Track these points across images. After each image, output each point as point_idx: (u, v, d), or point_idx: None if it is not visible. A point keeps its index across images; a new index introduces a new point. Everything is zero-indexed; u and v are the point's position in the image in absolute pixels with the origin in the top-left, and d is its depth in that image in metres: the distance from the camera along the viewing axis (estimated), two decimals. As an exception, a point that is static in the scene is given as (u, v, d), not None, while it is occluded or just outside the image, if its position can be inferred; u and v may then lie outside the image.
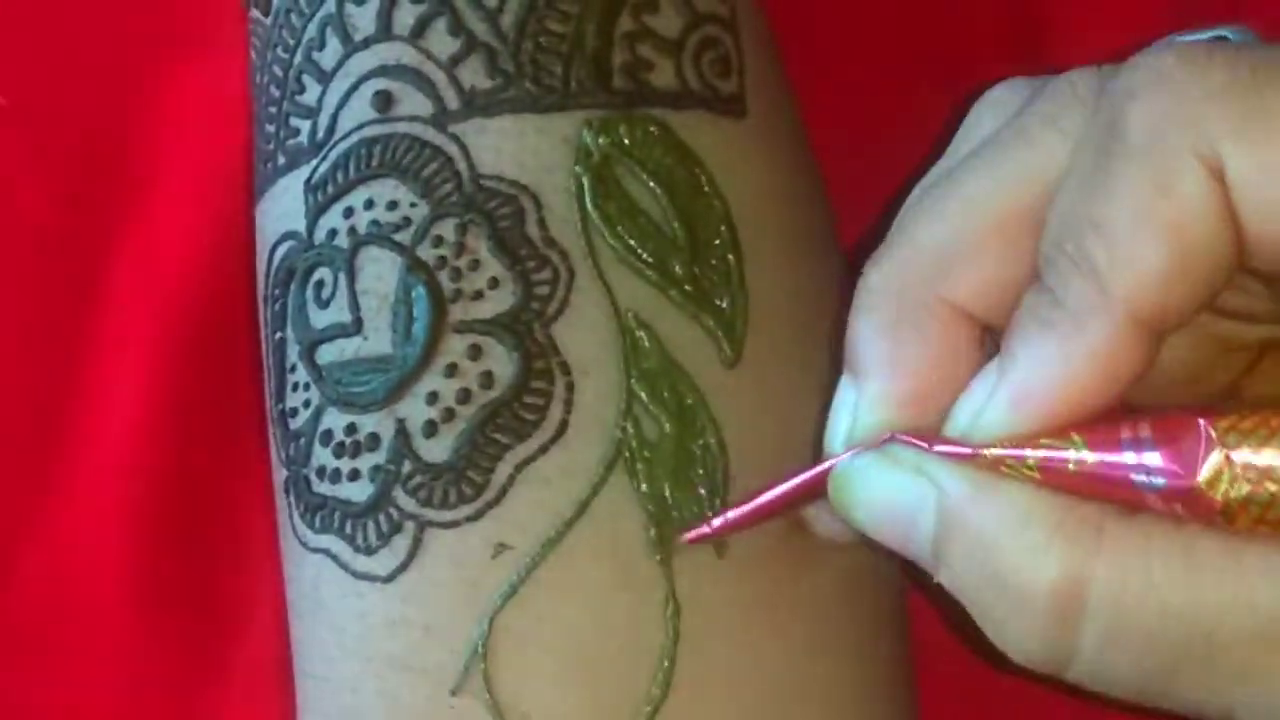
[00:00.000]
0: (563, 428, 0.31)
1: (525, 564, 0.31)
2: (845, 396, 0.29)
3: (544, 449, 0.31)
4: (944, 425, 0.28)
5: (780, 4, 0.36)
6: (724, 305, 0.32)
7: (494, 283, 0.32)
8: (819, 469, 0.29)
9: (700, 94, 0.33)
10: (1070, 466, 0.26)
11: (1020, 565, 0.26)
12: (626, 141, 0.32)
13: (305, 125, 0.34)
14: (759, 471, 0.32)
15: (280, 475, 0.34)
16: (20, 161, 0.42)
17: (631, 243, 0.32)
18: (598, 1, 0.33)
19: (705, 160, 0.33)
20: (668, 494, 0.31)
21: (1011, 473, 0.27)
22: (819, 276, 0.35)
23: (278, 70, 0.35)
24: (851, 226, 0.36)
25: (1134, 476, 0.26)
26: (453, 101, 0.32)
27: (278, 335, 0.34)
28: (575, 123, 0.32)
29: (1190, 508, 0.26)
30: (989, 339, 0.29)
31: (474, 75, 0.32)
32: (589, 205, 0.32)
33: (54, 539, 0.41)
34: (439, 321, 0.32)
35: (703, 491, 0.32)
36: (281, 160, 0.35)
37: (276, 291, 0.34)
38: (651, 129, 0.32)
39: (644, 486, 0.31)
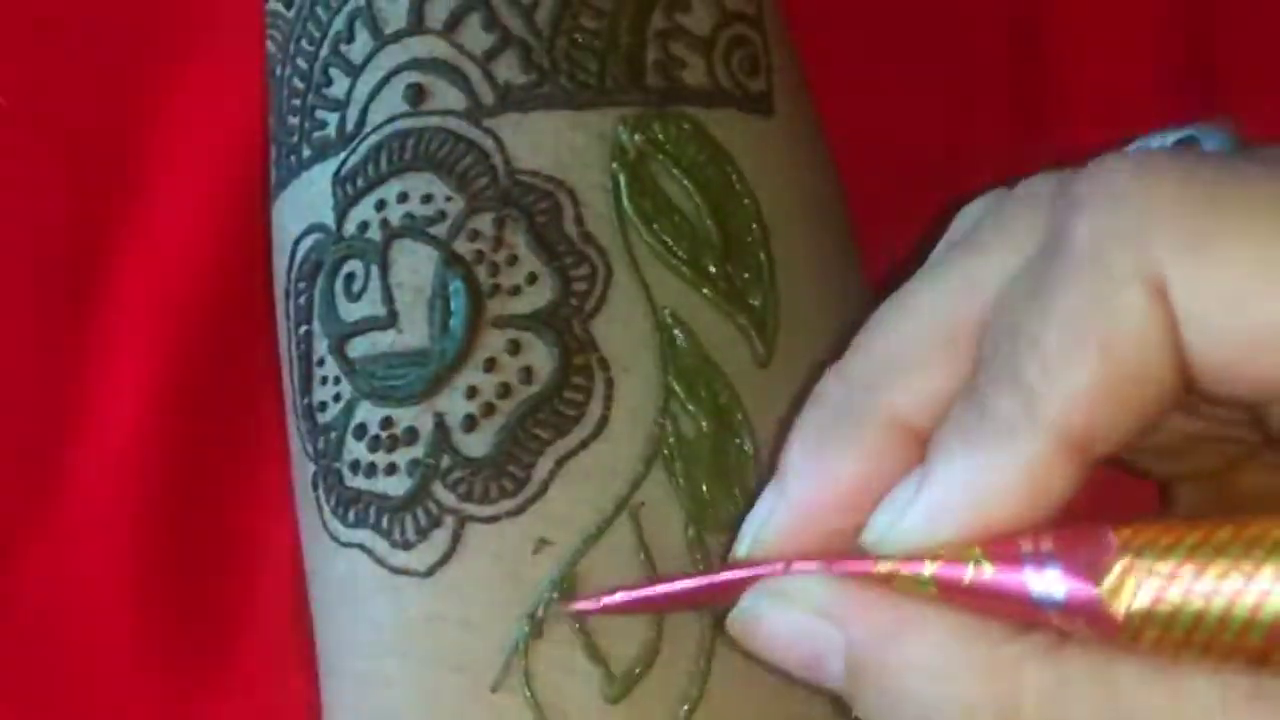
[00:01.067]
0: (603, 423, 0.31)
1: (566, 559, 0.31)
2: (765, 498, 0.28)
3: (584, 444, 0.31)
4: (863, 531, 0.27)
5: (781, 3, 0.36)
6: (756, 303, 0.33)
7: (532, 278, 0.32)
8: (721, 577, 0.28)
9: (730, 92, 0.33)
10: (966, 580, 0.26)
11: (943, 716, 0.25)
12: (661, 138, 0.32)
13: (333, 118, 0.34)
14: None
15: (307, 470, 0.34)
16: (20, 161, 0.42)
17: (667, 240, 0.32)
18: None
19: (736, 158, 0.33)
20: (705, 492, 0.32)
21: (906, 586, 0.26)
22: (842, 273, 0.35)
23: (302, 63, 0.35)
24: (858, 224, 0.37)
25: (1032, 591, 0.25)
26: (487, 96, 0.32)
27: (303, 328, 0.34)
28: (610, 120, 0.32)
29: (1092, 623, 0.25)
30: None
31: (509, 70, 0.32)
32: (625, 202, 0.32)
33: (57, 537, 0.41)
34: (477, 316, 0.32)
35: (737, 491, 0.32)
36: (307, 153, 0.34)
37: (302, 284, 0.34)
38: (685, 126, 0.33)
39: (682, 483, 0.31)
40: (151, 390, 0.41)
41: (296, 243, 0.34)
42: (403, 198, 0.33)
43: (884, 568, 0.26)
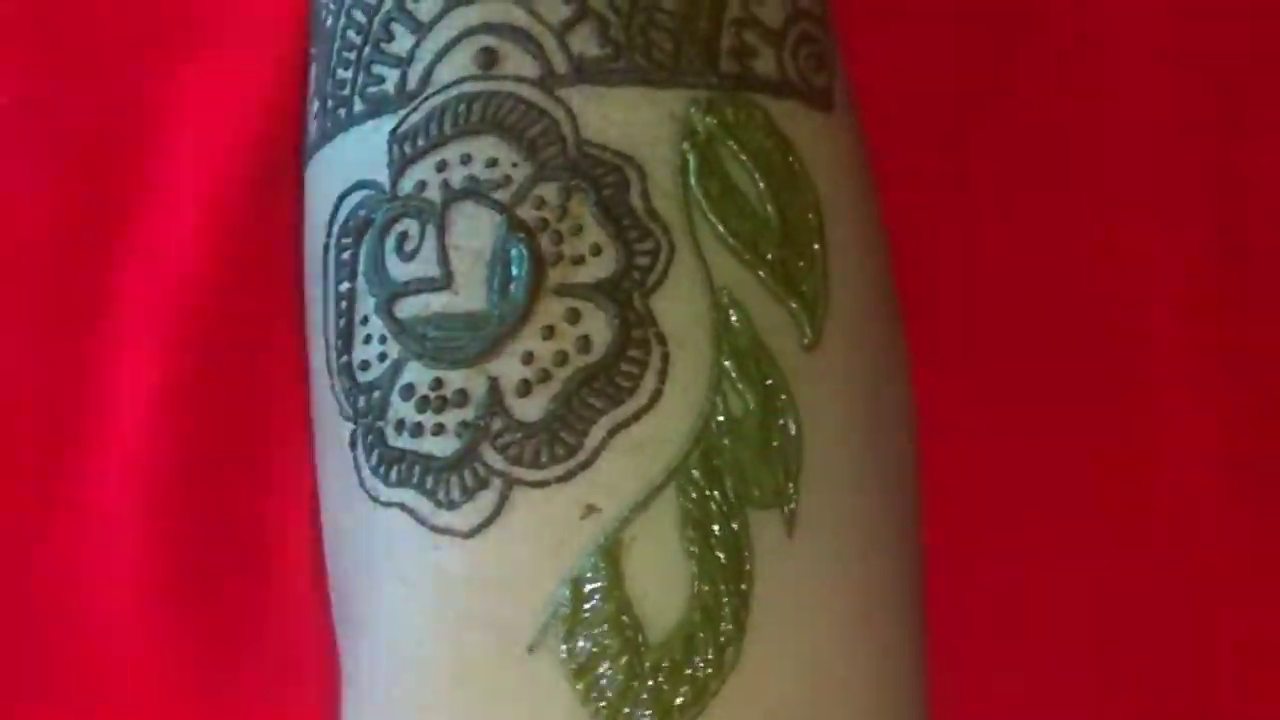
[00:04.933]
0: (656, 396, 0.32)
1: (612, 527, 0.31)
2: None
3: (637, 416, 0.31)
4: None
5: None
6: (806, 290, 0.33)
7: (596, 249, 0.32)
8: None
9: (797, 85, 0.34)
10: None
11: None
12: (732, 123, 0.33)
13: (393, 74, 0.34)
14: (827, 456, 0.33)
15: (342, 429, 0.33)
16: (22, 161, 0.42)
17: (730, 222, 0.33)
18: None
19: (799, 149, 0.34)
20: (749, 469, 0.32)
21: None
22: (882, 266, 0.36)
23: (359, 15, 0.35)
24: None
25: None
26: (561, 66, 0.33)
27: (344, 285, 0.34)
28: (683, 100, 0.33)
29: None
30: None
31: (584, 42, 0.33)
32: (693, 182, 0.32)
33: (67, 537, 0.41)
34: (538, 282, 0.32)
35: (780, 472, 0.32)
36: (359, 107, 0.34)
37: (345, 241, 0.34)
38: (755, 113, 0.33)
39: (728, 460, 0.32)
40: (160, 389, 0.41)
41: (341, 198, 0.34)
42: (466, 160, 0.33)
43: None
